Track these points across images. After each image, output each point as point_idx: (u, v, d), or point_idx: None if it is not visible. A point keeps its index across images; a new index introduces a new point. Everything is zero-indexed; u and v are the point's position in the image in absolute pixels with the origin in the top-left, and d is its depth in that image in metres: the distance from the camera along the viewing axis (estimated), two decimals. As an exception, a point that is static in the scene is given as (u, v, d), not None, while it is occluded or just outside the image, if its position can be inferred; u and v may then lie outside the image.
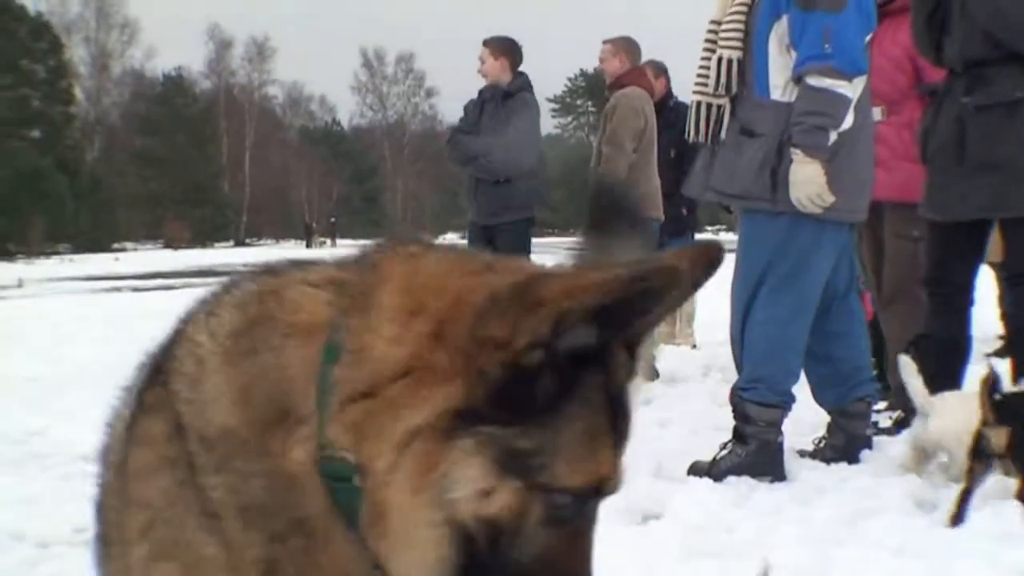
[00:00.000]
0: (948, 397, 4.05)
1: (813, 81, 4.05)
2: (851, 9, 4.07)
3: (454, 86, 44.48)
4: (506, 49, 7.19)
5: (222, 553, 0.98)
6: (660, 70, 8.63)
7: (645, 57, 7.70)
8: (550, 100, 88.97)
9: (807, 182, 4.02)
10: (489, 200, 7.07)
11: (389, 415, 0.88)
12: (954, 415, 3.85)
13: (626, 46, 7.28)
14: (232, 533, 0.97)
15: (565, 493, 0.88)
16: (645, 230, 2.45)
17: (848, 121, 4.11)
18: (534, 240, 7.61)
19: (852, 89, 4.07)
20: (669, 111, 7.97)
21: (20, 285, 14.61)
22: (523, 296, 0.83)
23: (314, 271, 1.08)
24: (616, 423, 0.91)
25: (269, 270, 1.16)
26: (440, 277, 0.95)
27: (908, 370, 4.20)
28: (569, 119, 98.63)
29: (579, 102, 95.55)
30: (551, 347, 0.83)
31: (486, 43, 7.21)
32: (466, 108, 7.51)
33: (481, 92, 7.32)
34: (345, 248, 1.80)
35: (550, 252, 3.24)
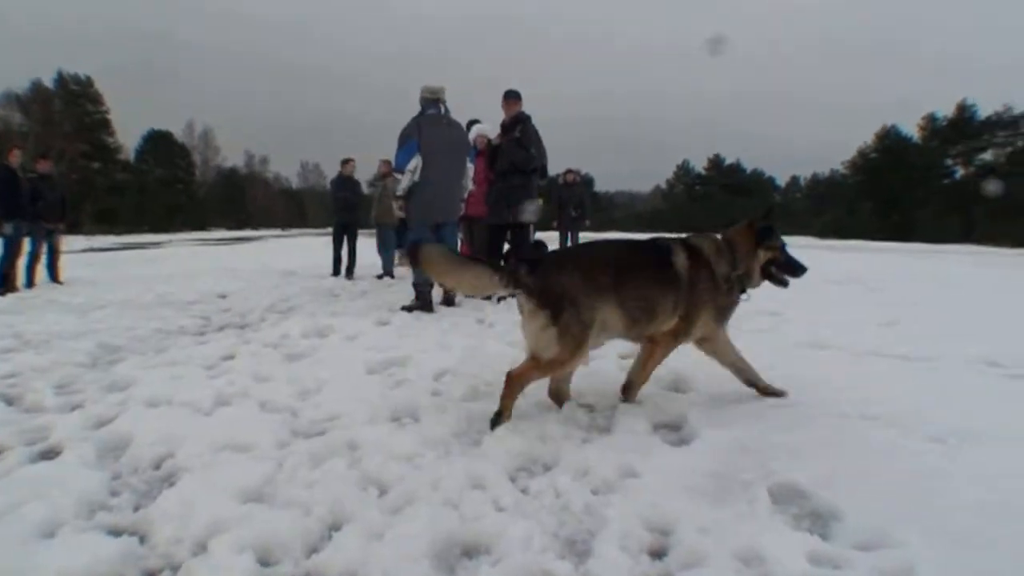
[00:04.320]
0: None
1: (397, 175, 7.84)
2: (403, 150, 7.66)
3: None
4: None
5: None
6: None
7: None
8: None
9: (397, 207, 8.05)
10: None
11: (754, 260, 3.81)
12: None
13: None
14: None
15: None
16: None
17: (404, 185, 7.70)
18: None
19: (404, 176, 7.65)
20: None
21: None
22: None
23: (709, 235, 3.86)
24: None
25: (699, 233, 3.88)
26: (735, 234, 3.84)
27: None
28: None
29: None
30: None
31: None
32: None
33: None
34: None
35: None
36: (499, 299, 8.37)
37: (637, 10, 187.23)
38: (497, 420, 3.43)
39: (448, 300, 8.37)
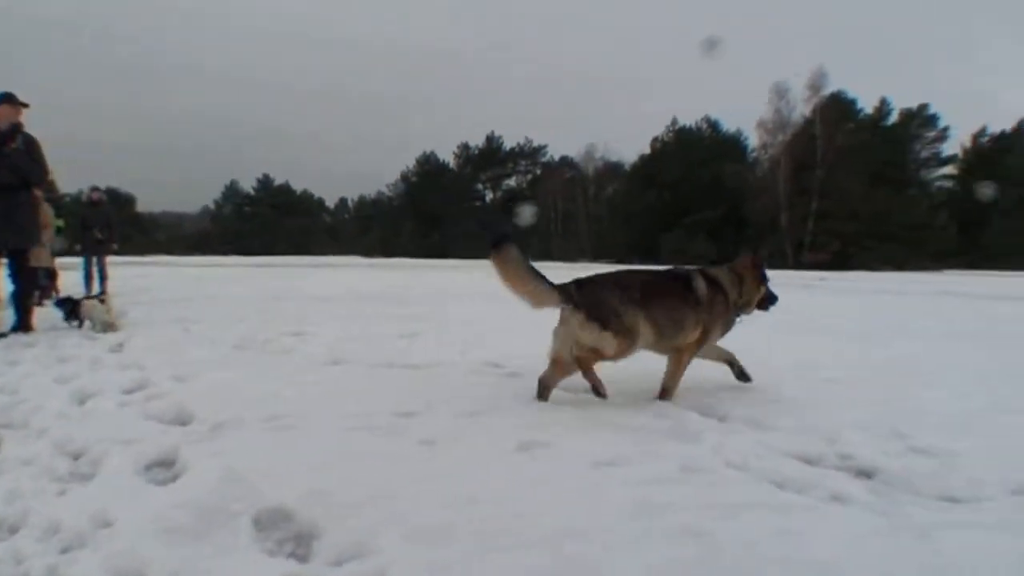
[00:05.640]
0: (87, 302, 7.74)
1: None
2: None
3: None
4: None
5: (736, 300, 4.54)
6: None
7: None
8: None
9: None
10: None
11: (756, 293, 4.64)
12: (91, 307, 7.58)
13: None
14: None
15: None
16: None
17: None
18: None
19: None
20: None
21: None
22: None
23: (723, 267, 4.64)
24: None
25: (712, 265, 4.67)
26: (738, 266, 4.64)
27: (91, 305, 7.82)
28: None
29: None
30: None
31: None
32: None
33: None
34: None
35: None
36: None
37: (180, 26, 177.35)
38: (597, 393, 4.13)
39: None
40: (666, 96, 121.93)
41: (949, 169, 65.59)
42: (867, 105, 62.45)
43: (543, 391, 4.27)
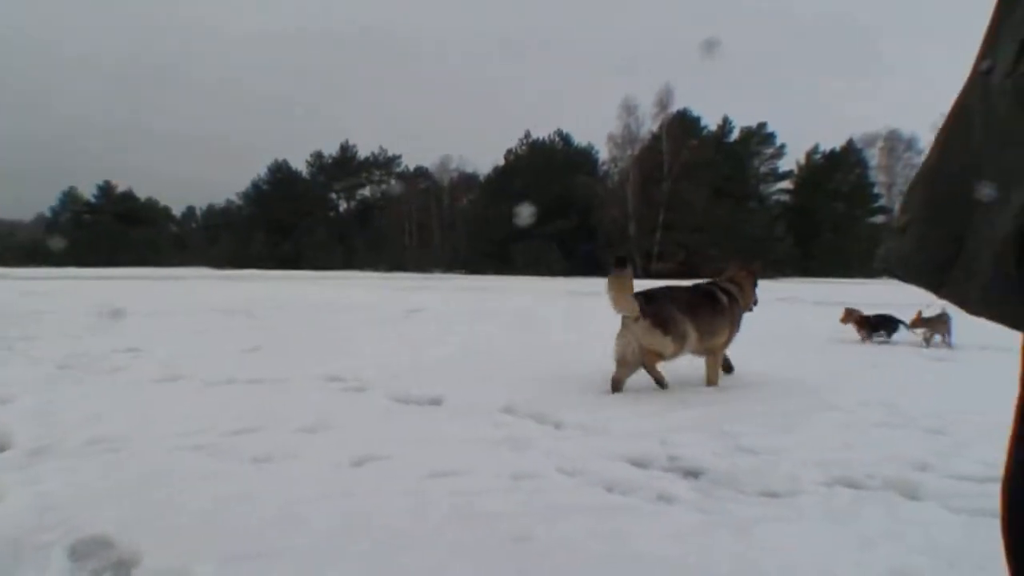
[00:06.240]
0: None
1: None
2: None
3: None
4: None
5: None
6: None
7: None
8: None
9: None
10: None
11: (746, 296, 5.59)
12: None
13: None
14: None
15: None
16: None
17: None
18: None
19: None
20: None
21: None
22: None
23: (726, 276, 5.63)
24: None
25: (722, 276, 5.62)
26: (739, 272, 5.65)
27: None
28: None
29: None
30: None
31: None
32: None
33: None
34: None
35: None
36: None
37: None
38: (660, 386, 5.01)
39: None
40: (520, 109, 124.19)
41: (786, 184, 69.80)
42: (711, 122, 65.93)
43: (616, 386, 4.96)
